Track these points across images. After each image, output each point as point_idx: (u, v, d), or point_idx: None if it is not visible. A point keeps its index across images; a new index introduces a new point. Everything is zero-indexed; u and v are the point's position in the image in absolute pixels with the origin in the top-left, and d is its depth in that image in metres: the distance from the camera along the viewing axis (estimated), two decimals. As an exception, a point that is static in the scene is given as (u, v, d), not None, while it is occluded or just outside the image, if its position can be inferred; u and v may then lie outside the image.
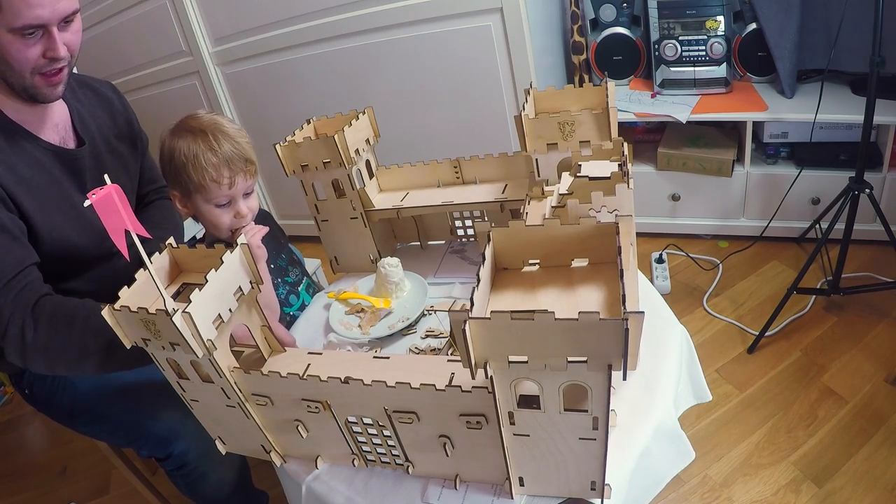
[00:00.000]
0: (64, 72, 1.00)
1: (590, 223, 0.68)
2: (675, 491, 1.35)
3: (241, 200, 1.12)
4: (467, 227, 1.27)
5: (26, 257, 0.96)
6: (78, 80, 1.18)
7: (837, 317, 1.73)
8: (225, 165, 1.07)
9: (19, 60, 0.93)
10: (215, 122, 1.11)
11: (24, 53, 0.92)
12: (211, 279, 0.71)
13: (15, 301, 0.92)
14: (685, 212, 2.11)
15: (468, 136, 2.01)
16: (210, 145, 1.07)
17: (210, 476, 1.16)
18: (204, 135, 1.08)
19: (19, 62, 0.93)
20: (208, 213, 1.12)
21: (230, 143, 1.08)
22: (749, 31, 1.90)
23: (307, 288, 1.35)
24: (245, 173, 1.10)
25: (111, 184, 0.64)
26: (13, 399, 2.21)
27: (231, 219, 1.12)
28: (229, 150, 1.07)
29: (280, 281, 1.27)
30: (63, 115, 1.11)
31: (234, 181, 1.08)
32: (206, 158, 1.06)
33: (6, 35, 0.90)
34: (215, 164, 1.06)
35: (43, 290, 0.96)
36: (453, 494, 0.79)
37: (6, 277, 0.92)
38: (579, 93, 1.04)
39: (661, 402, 0.85)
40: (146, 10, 2.17)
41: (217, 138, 1.08)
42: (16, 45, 0.91)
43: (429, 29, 1.84)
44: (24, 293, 0.93)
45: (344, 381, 0.73)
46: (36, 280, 0.96)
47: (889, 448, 1.35)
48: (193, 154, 1.06)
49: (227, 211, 1.12)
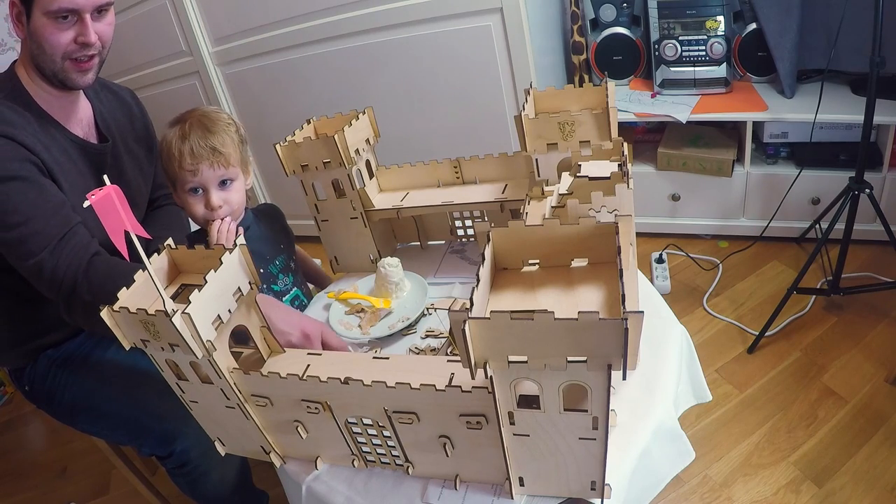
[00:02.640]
0: (94, 60, 1.04)
1: (589, 223, 0.68)
2: (675, 491, 1.35)
3: (214, 191, 1.13)
4: (467, 227, 1.27)
5: (71, 217, 1.00)
6: (100, 83, 1.22)
7: (837, 317, 1.73)
8: (189, 152, 1.09)
9: (52, 44, 0.97)
10: (202, 113, 1.13)
11: (57, 37, 0.97)
12: (210, 280, 0.71)
13: (69, 261, 0.96)
14: (685, 212, 2.11)
15: (468, 136, 2.01)
16: (183, 132, 1.10)
17: (211, 475, 1.15)
18: (182, 123, 1.11)
19: (52, 45, 0.97)
20: (185, 202, 1.14)
21: (201, 131, 1.10)
22: (749, 31, 1.90)
23: (293, 300, 1.30)
24: (211, 163, 1.10)
25: (110, 184, 0.64)
26: (13, 399, 2.21)
27: (203, 209, 1.13)
28: (197, 138, 1.09)
29: (265, 287, 1.24)
30: (87, 111, 1.15)
31: (197, 169, 1.10)
32: (176, 145, 1.09)
33: (41, 18, 0.95)
34: (181, 150, 1.09)
35: (93, 249, 0.99)
36: (453, 494, 0.79)
37: (55, 238, 0.96)
38: (579, 93, 1.03)
39: (661, 402, 0.85)
40: (146, 10, 2.17)
41: (192, 126, 1.10)
42: (49, 28, 0.96)
43: (429, 29, 1.84)
44: (77, 252, 0.97)
45: (344, 381, 0.73)
46: (83, 238, 1.00)
47: (889, 448, 1.35)
48: (169, 141, 1.10)
49: (198, 200, 1.13)
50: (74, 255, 0.97)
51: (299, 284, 1.34)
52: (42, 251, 0.96)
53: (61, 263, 0.96)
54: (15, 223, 0.95)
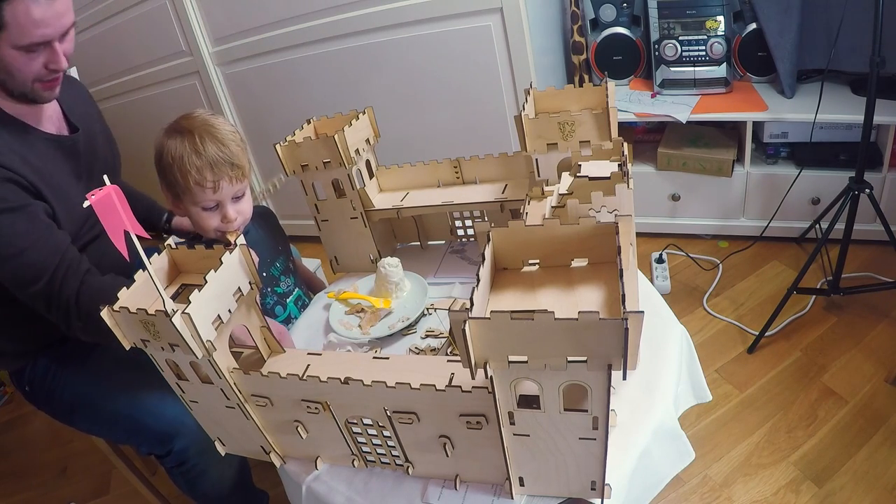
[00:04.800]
0: (61, 75, 1.03)
1: (589, 223, 0.68)
2: (675, 491, 1.35)
3: (230, 205, 1.10)
4: (467, 227, 1.27)
5: (61, 241, 1.01)
6: None
7: (837, 317, 1.73)
8: (208, 169, 1.04)
9: (23, 72, 0.96)
10: (206, 123, 1.08)
11: (28, 66, 0.96)
12: (210, 280, 0.71)
13: (60, 290, 0.98)
14: (685, 212, 2.11)
15: (468, 136, 2.01)
16: (195, 147, 1.04)
17: (210, 473, 1.15)
18: (191, 136, 1.06)
19: (22, 73, 0.96)
20: (195, 216, 1.11)
21: (216, 146, 1.05)
22: (749, 31, 1.89)
23: (296, 300, 1.31)
24: (231, 178, 1.07)
25: (110, 184, 0.64)
26: (13, 399, 2.21)
27: (218, 222, 1.10)
28: (214, 153, 1.05)
29: (269, 290, 1.24)
30: (54, 106, 1.14)
31: (218, 185, 1.06)
32: (191, 161, 1.04)
33: (10, 51, 0.93)
34: (199, 166, 1.04)
35: (82, 270, 1.01)
36: (453, 495, 0.79)
37: (50, 269, 0.97)
38: (579, 93, 1.04)
39: (661, 402, 0.85)
40: (146, 10, 2.17)
41: (203, 140, 1.05)
42: (20, 59, 0.94)
43: (429, 29, 1.84)
44: (67, 280, 0.99)
45: (344, 381, 0.73)
46: (74, 261, 1.01)
47: (889, 448, 1.35)
48: (179, 155, 1.05)
49: (213, 215, 1.10)
50: (66, 285, 0.98)
51: (299, 285, 1.35)
52: (38, 282, 0.97)
53: (54, 294, 0.98)
54: (10, 255, 0.95)
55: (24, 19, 0.89)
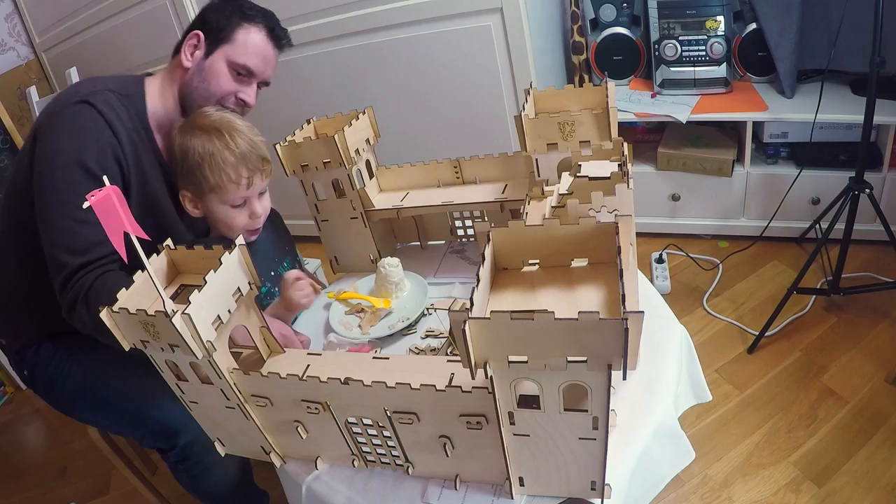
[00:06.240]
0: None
1: (589, 223, 0.68)
2: (675, 491, 1.35)
3: (256, 200, 1.10)
4: (467, 227, 1.27)
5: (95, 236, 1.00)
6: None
7: (837, 317, 1.73)
8: (243, 164, 1.04)
9: (221, 87, 1.15)
10: (227, 120, 1.08)
11: (228, 85, 1.16)
12: (210, 280, 0.71)
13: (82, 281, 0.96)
14: (685, 212, 2.11)
15: (468, 136, 2.01)
16: (226, 144, 1.04)
17: (214, 470, 1.14)
18: (219, 133, 1.05)
19: (220, 88, 1.15)
20: (222, 214, 1.09)
21: (246, 142, 1.05)
22: (749, 31, 1.89)
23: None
24: (262, 172, 1.08)
25: (110, 185, 0.64)
26: (13, 399, 2.21)
27: (246, 219, 1.10)
28: (246, 148, 1.05)
29: (278, 290, 1.23)
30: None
31: (252, 181, 1.06)
32: (224, 157, 1.03)
33: (221, 62, 1.14)
34: (233, 163, 1.04)
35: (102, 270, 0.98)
36: (453, 495, 0.79)
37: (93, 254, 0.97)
38: (579, 93, 1.03)
39: (661, 402, 0.85)
40: (146, 10, 2.17)
41: (233, 136, 1.05)
42: (225, 75, 1.15)
43: (429, 29, 1.84)
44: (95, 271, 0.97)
45: (344, 381, 0.73)
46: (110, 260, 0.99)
47: (889, 448, 1.35)
48: (209, 153, 1.03)
49: (241, 211, 1.10)
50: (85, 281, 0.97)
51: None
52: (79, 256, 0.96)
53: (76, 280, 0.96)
54: (79, 219, 0.95)
55: (245, 40, 1.14)
